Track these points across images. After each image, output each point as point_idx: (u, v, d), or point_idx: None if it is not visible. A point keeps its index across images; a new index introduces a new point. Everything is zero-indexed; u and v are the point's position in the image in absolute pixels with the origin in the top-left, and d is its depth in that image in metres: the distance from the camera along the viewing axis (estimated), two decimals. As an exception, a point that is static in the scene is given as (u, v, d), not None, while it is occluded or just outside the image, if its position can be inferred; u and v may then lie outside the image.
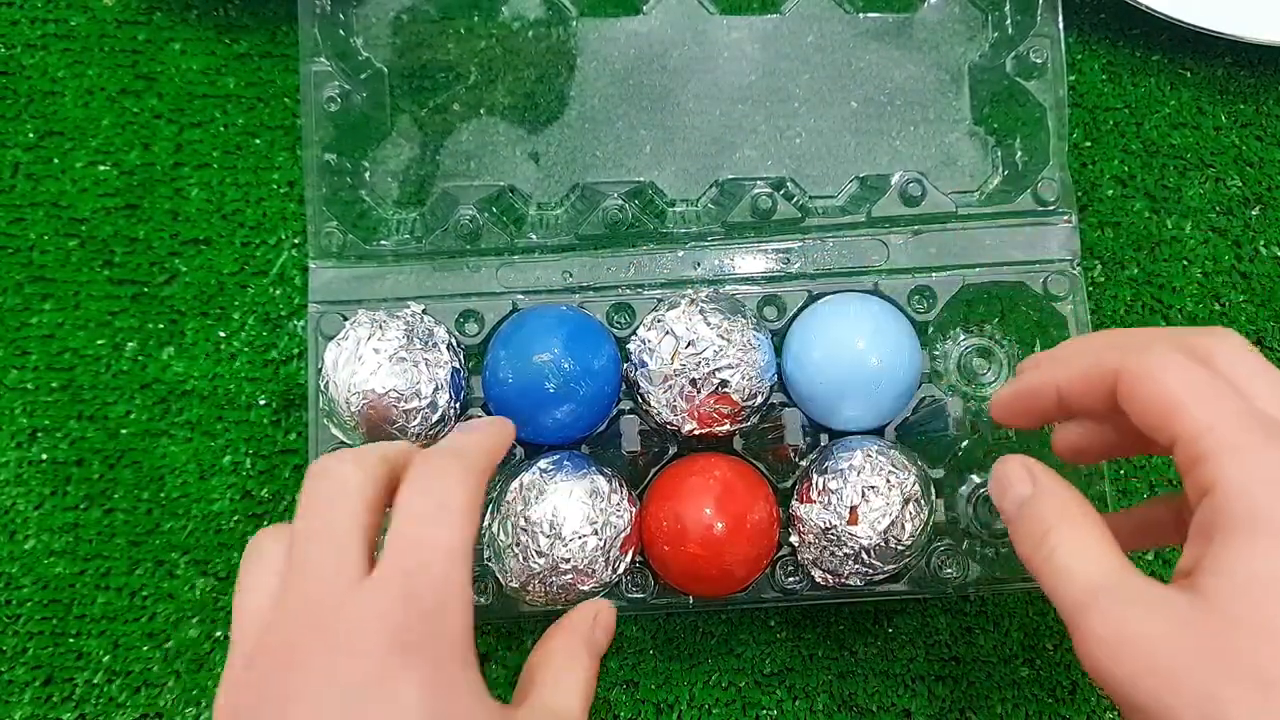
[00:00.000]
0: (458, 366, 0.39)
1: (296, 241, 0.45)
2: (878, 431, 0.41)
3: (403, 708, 0.24)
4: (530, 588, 0.37)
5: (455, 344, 0.40)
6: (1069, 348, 0.30)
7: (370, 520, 0.27)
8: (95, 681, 0.42)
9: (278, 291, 0.45)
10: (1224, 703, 0.21)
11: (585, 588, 0.37)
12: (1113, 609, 0.24)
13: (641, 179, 0.44)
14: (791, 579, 0.40)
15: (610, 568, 0.37)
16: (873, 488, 0.37)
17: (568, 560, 0.36)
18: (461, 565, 0.26)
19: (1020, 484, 0.29)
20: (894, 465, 0.37)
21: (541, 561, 0.36)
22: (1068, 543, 0.26)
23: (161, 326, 0.44)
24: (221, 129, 0.46)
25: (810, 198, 0.44)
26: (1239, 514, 0.23)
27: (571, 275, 0.43)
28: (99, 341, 0.44)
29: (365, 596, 0.25)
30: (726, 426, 0.39)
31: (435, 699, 0.25)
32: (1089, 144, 0.46)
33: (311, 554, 0.26)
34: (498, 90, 0.45)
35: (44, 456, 0.43)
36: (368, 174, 0.44)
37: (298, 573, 0.26)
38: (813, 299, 0.42)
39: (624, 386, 0.41)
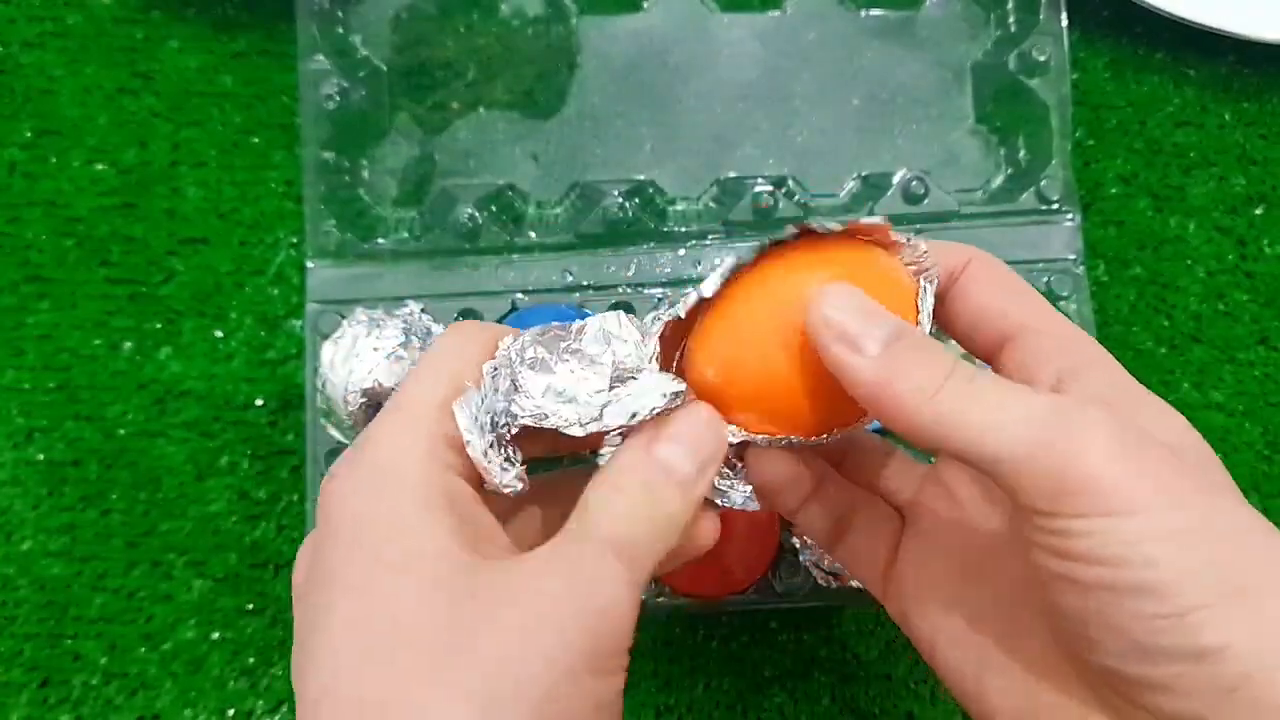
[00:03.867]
0: (456, 366, 0.39)
1: (294, 240, 0.45)
2: (878, 432, 0.41)
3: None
4: None
5: (454, 343, 0.40)
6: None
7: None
8: (92, 683, 0.42)
9: (275, 291, 0.44)
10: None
11: None
12: (1101, 438, 0.21)
13: (642, 177, 0.44)
14: (793, 581, 0.40)
15: None
16: (875, 488, 0.37)
17: None
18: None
19: (883, 316, 0.23)
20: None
21: None
22: (984, 379, 0.23)
23: (158, 326, 0.44)
24: (219, 127, 0.45)
25: (812, 196, 0.44)
26: (1131, 388, 0.25)
27: (571, 274, 0.42)
28: (95, 341, 0.44)
29: None
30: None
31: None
32: (1092, 142, 0.46)
33: None
34: (497, 88, 0.44)
35: (40, 457, 0.43)
36: (366, 172, 0.44)
37: None
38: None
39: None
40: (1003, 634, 0.25)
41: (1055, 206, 0.43)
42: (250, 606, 0.42)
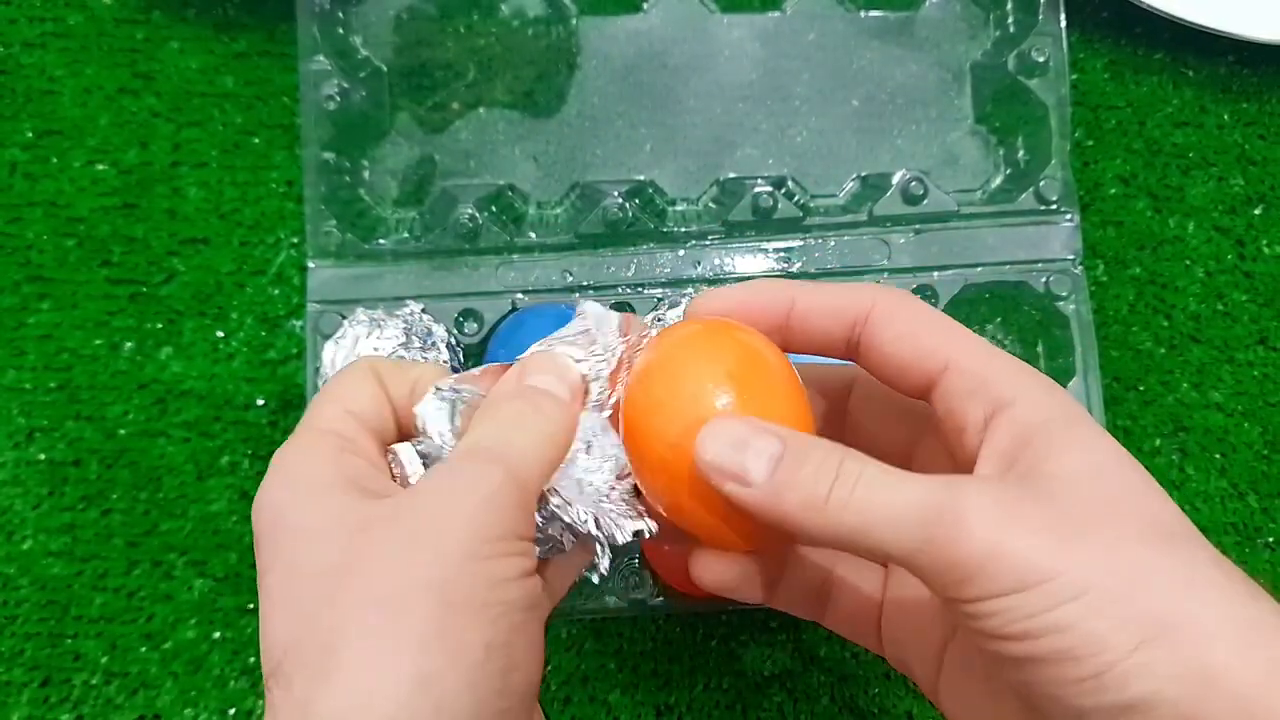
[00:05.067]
0: (456, 365, 0.39)
1: (295, 241, 0.45)
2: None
3: None
4: None
5: (454, 343, 0.40)
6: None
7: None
8: (93, 683, 0.42)
9: (276, 291, 0.44)
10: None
11: None
12: (982, 517, 0.21)
13: (642, 178, 0.44)
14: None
15: None
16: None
17: None
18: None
19: (761, 440, 0.23)
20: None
21: None
22: (869, 478, 0.22)
23: (159, 326, 0.44)
24: (220, 128, 0.45)
25: (811, 197, 0.44)
26: (1056, 419, 0.23)
27: (571, 274, 0.42)
28: (96, 341, 0.44)
29: None
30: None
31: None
32: (1091, 143, 0.46)
33: None
34: (497, 89, 0.44)
35: (41, 457, 0.43)
36: (366, 173, 0.44)
37: None
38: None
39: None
40: (989, 683, 0.25)
41: (1054, 207, 0.43)
42: (251, 606, 0.42)
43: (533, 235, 0.43)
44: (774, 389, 0.25)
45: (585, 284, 0.42)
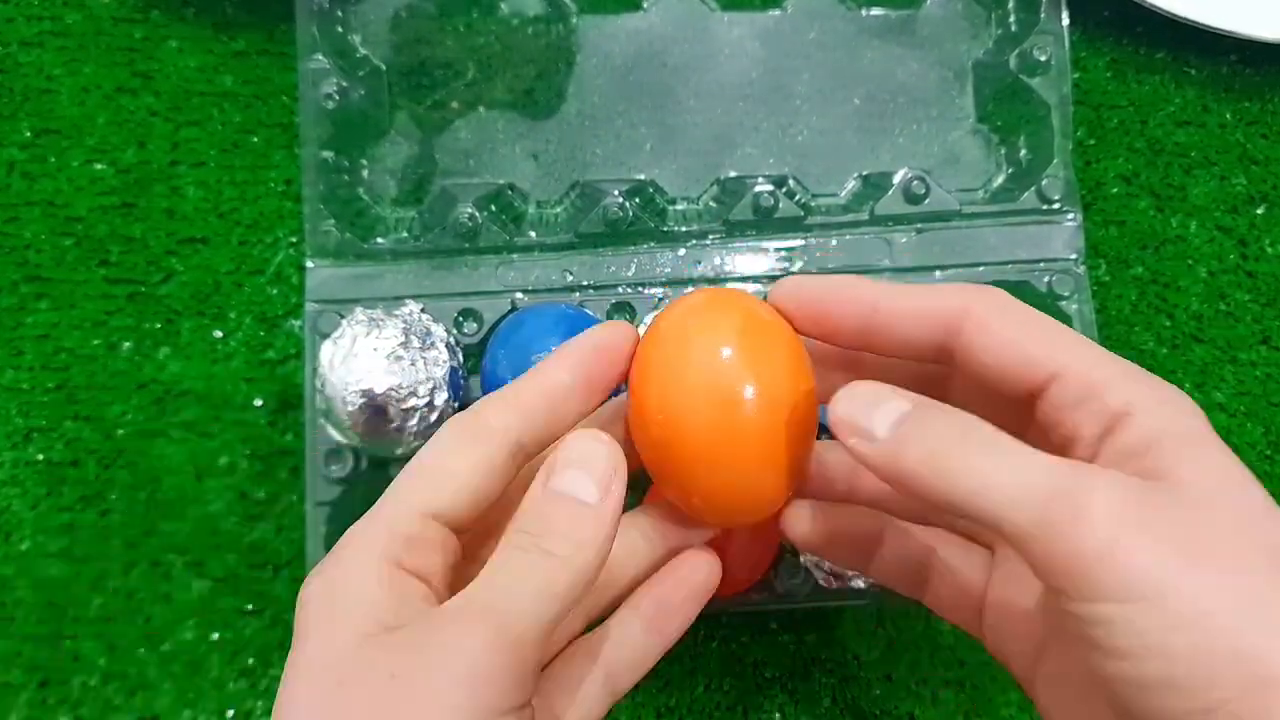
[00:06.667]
0: (456, 365, 0.39)
1: (293, 240, 0.45)
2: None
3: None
4: None
5: (454, 343, 0.40)
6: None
7: None
8: (91, 684, 0.42)
9: (274, 290, 0.44)
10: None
11: None
12: (1108, 510, 0.20)
13: (642, 177, 0.44)
14: (793, 581, 0.40)
15: None
16: (876, 488, 0.36)
17: None
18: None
19: (891, 399, 0.23)
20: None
21: None
22: (993, 449, 0.22)
23: (158, 326, 0.44)
24: (218, 127, 0.45)
25: (812, 196, 0.44)
26: (1178, 431, 0.22)
27: (571, 274, 0.42)
28: (94, 341, 0.44)
29: None
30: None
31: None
32: (1093, 142, 0.46)
33: None
34: (497, 87, 0.44)
35: (39, 457, 0.43)
36: (365, 172, 0.44)
37: None
38: (815, 298, 0.41)
39: (624, 385, 0.40)
40: (1088, 688, 0.23)
41: (1056, 206, 0.43)
42: (250, 607, 0.42)
43: (532, 234, 0.43)
44: (775, 356, 0.25)
45: (585, 284, 0.42)
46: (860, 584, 0.38)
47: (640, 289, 0.42)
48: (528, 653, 0.22)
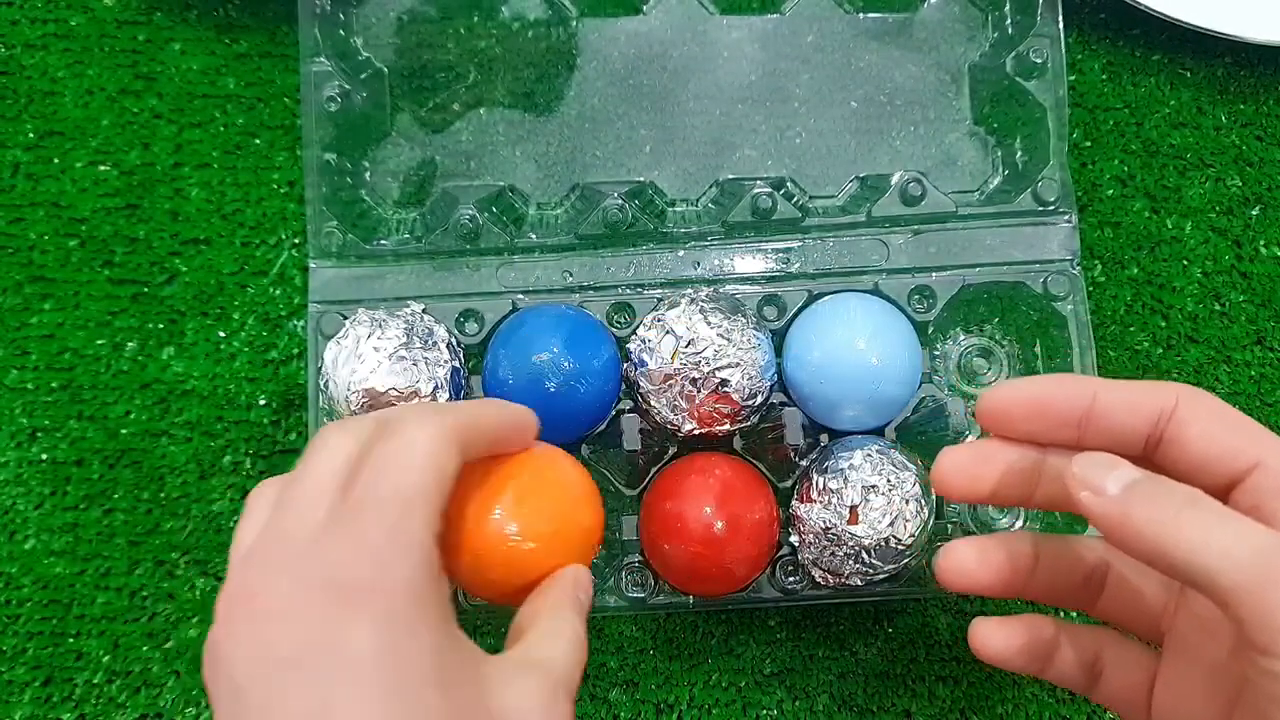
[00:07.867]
0: (457, 366, 0.39)
1: (296, 241, 0.45)
2: (878, 431, 0.41)
3: (352, 656, 0.23)
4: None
5: (455, 343, 0.40)
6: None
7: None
8: (95, 682, 0.42)
9: (277, 291, 0.45)
10: None
11: None
12: None
13: (641, 179, 0.44)
14: (791, 579, 0.40)
15: None
16: (873, 488, 0.37)
17: None
18: (418, 506, 0.26)
19: (1124, 466, 0.26)
20: (894, 465, 0.37)
21: None
22: (1217, 514, 0.24)
23: (161, 326, 0.44)
24: (221, 129, 0.46)
25: (810, 198, 0.44)
26: None
27: (571, 275, 0.43)
28: (99, 341, 0.44)
29: (320, 539, 0.25)
30: (726, 426, 0.39)
31: (391, 644, 0.24)
32: (1089, 144, 0.46)
33: (288, 495, 0.27)
34: (498, 90, 0.45)
35: (44, 456, 0.43)
36: (368, 174, 0.44)
37: (277, 509, 0.27)
38: (813, 299, 0.42)
39: (624, 386, 0.40)
40: None
41: (1052, 207, 0.43)
42: (253, 605, 0.42)
43: (533, 236, 0.43)
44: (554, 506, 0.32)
45: (585, 285, 0.42)
46: (857, 582, 0.38)
47: (640, 290, 0.42)
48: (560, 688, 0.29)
